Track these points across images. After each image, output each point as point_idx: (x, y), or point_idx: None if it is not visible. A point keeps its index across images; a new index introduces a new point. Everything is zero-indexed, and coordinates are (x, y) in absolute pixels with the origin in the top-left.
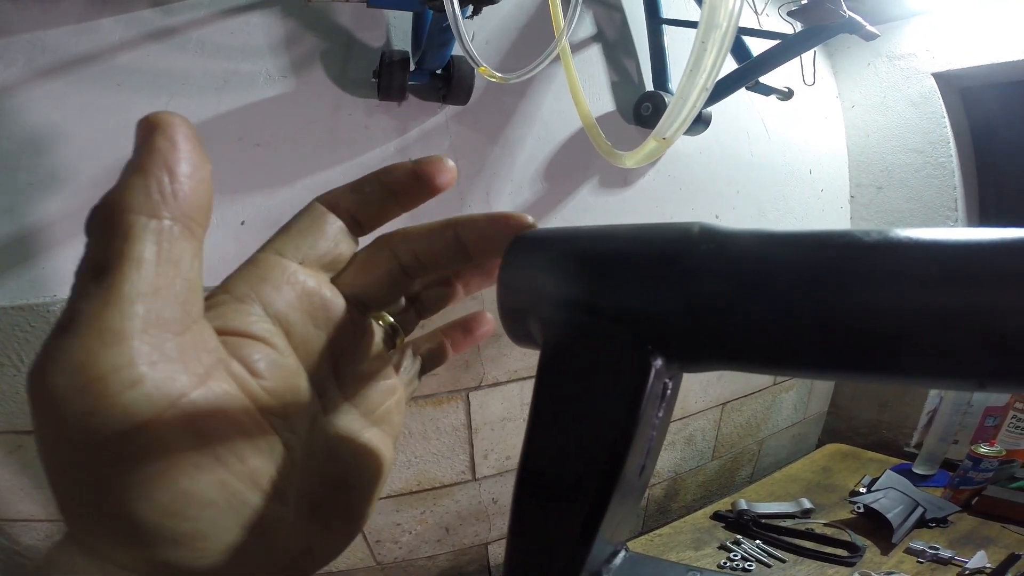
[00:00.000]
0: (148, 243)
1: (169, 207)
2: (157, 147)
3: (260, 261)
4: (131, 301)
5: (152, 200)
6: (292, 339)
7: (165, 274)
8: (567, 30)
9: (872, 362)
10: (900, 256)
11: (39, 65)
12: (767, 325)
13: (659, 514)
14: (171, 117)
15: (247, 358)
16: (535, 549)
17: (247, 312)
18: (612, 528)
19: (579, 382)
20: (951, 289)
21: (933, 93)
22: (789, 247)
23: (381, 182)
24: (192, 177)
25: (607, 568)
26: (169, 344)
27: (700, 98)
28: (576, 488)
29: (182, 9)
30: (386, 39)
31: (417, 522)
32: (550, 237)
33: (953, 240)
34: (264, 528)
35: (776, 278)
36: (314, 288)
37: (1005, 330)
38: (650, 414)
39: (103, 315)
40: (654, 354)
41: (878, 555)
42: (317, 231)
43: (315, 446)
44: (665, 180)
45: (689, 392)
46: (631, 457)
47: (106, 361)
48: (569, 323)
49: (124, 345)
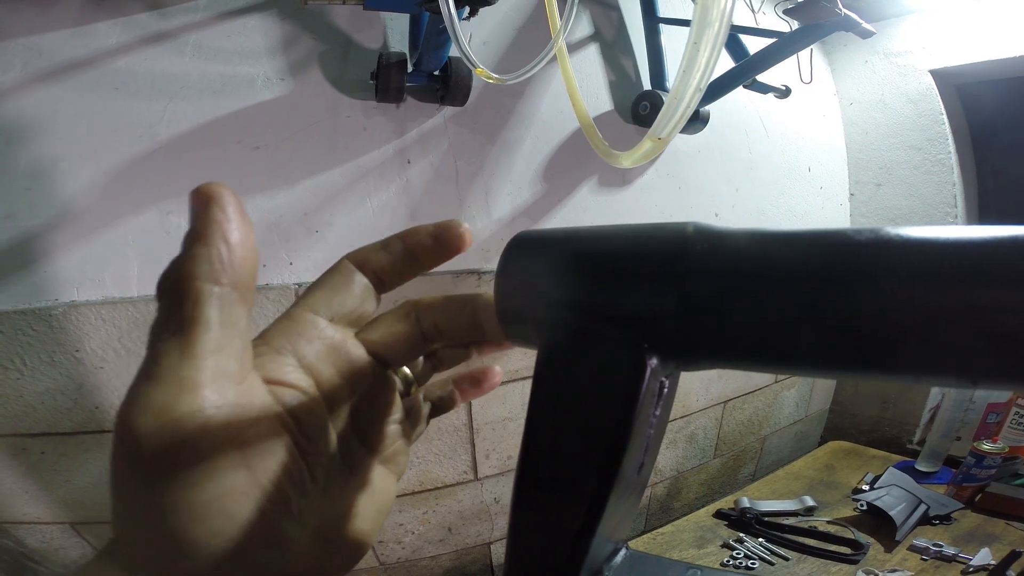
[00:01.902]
0: (213, 307)
1: (227, 274)
2: (215, 218)
3: (296, 317)
4: (203, 356)
5: (215, 268)
6: (320, 387)
7: (227, 334)
8: (564, 30)
9: (865, 360)
10: (894, 254)
11: (36, 69)
12: (762, 324)
13: (661, 513)
14: (222, 189)
15: (285, 402)
16: (535, 547)
17: (284, 363)
18: (612, 526)
19: (576, 382)
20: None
21: (931, 90)
22: (783, 246)
23: (405, 243)
24: (243, 246)
25: (608, 566)
26: (231, 392)
27: (695, 97)
28: (575, 486)
29: (179, 12)
30: (383, 41)
31: (420, 522)
32: (546, 238)
33: (947, 238)
34: (283, 547)
35: (770, 277)
36: (340, 343)
37: (997, 328)
38: (647, 412)
39: (180, 367)
40: (650, 353)
41: (882, 552)
42: (346, 290)
43: (331, 480)
44: (664, 179)
45: (690, 390)
46: (629, 455)
47: (183, 406)
48: (565, 324)
49: (198, 393)
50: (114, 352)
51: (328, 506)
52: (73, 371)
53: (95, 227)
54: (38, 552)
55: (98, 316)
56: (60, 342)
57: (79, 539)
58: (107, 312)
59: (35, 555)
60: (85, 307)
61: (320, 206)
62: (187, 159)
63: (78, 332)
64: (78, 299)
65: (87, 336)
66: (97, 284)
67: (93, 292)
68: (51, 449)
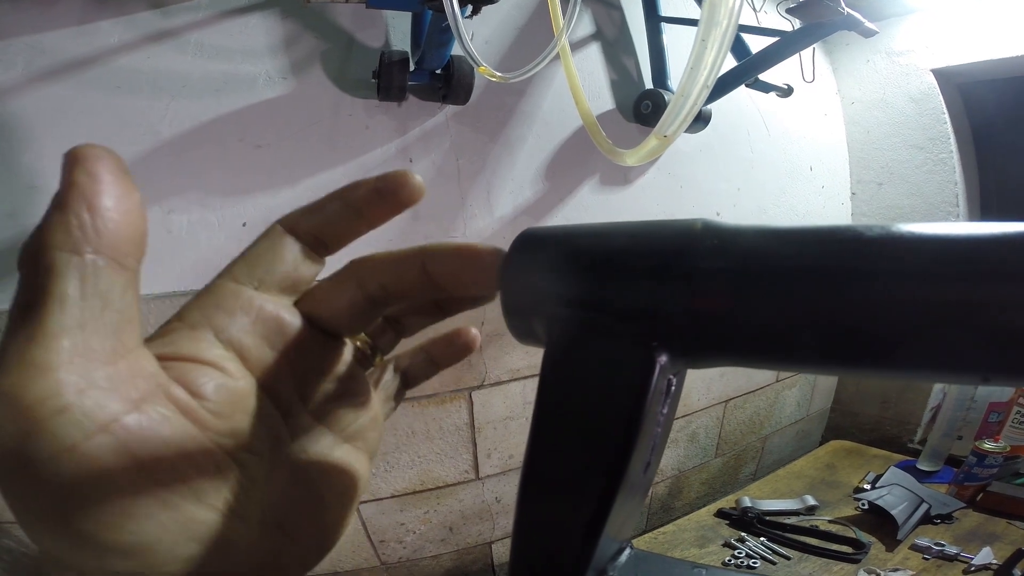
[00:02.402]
0: (71, 280)
1: (91, 242)
2: (76, 181)
3: (215, 288)
4: (57, 336)
5: (74, 236)
6: (248, 363)
7: (92, 308)
8: (566, 29)
9: (878, 357)
10: (903, 251)
11: (38, 67)
12: (772, 321)
13: (663, 512)
14: (93, 149)
15: (192, 382)
16: (540, 547)
17: (198, 339)
18: (617, 526)
19: (583, 380)
20: (955, 283)
21: (932, 89)
22: (793, 242)
23: (344, 200)
24: (115, 210)
25: (612, 566)
26: (98, 373)
27: (701, 96)
28: (581, 486)
29: (181, 11)
30: (385, 39)
31: (421, 522)
32: (553, 235)
33: (956, 235)
34: (221, 543)
35: (780, 274)
36: (271, 312)
37: (1010, 324)
38: (655, 411)
39: (29, 349)
40: (659, 351)
41: (883, 552)
42: (274, 255)
43: (279, 465)
44: (666, 178)
45: (692, 389)
46: (637, 454)
47: (33, 392)
48: (573, 321)
49: (50, 376)
50: None
51: (279, 495)
52: None
53: None
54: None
55: None
56: None
57: None
58: None
59: (34, 554)
60: None
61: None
62: (189, 157)
63: None
64: None
65: None
66: None
67: None
68: None
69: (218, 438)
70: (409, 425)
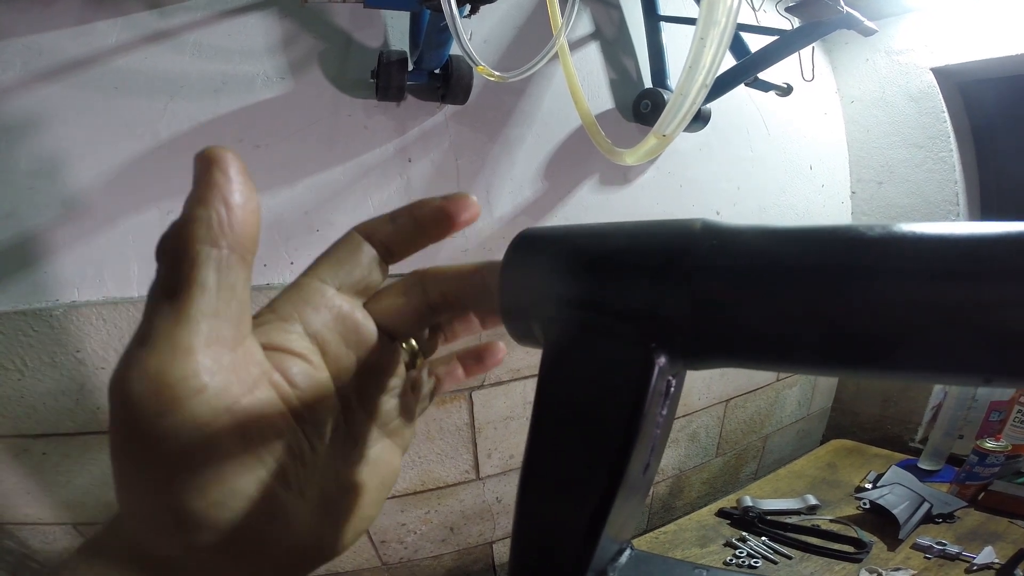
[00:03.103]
0: (211, 270)
1: (226, 237)
2: (215, 181)
3: (303, 285)
4: (197, 320)
5: (213, 230)
6: (326, 356)
7: (224, 297)
8: (565, 28)
9: (878, 357)
10: (905, 251)
11: (36, 68)
12: (772, 321)
13: (664, 512)
14: (224, 152)
15: (287, 371)
16: (540, 548)
17: (289, 330)
18: (617, 526)
19: (582, 381)
20: (957, 284)
21: (932, 88)
22: (793, 242)
23: (413, 215)
24: (244, 208)
25: (613, 567)
26: (226, 358)
27: (700, 95)
28: (581, 487)
29: (178, 11)
30: (384, 39)
31: (422, 522)
32: (551, 235)
33: (957, 234)
34: (285, 520)
35: (781, 274)
36: (348, 312)
37: (1011, 325)
38: (654, 412)
39: (175, 332)
40: (657, 352)
41: (885, 551)
42: (354, 260)
43: (334, 451)
44: (665, 177)
45: (692, 389)
46: (636, 455)
47: (177, 371)
48: (571, 321)
49: (192, 358)
50: (115, 352)
51: (331, 478)
52: (74, 372)
53: (95, 227)
54: (40, 553)
55: (99, 316)
56: (61, 343)
57: (81, 540)
58: (108, 312)
59: (37, 556)
60: (86, 307)
61: (321, 205)
62: (188, 158)
63: (79, 333)
64: (78, 299)
65: (88, 336)
66: (97, 284)
67: (93, 292)
68: (53, 450)
69: (303, 424)
70: None
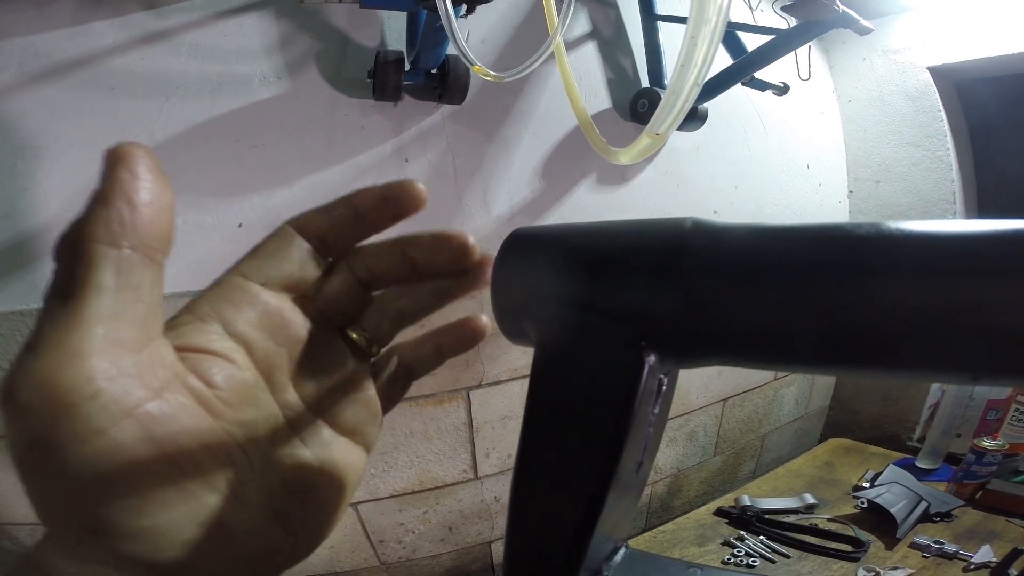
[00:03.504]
0: (108, 271)
1: (128, 237)
2: (119, 178)
3: (224, 283)
4: (91, 324)
5: (113, 230)
6: (253, 355)
7: (124, 299)
8: (561, 28)
9: (865, 356)
10: (893, 249)
11: (32, 69)
12: (762, 320)
13: (662, 511)
14: (134, 148)
15: (205, 372)
16: (534, 545)
17: (208, 331)
18: (611, 524)
19: (573, 379)
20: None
21: (929, 87)
22: (782, 241)
23: (351, 205)
24: (151, 207)
25: (607, 565)
26: (127, 361)
27: (692, 93)
28: (573, 485)
29: (175, 12)
30: (381, 39)
31: (420, 522)
32: (543, 235)
33: (944, 232)
34: (222, 528)
35: (770, 272)
36: (275, 308)
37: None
38: (645, 411)
39: (66, 336)
40: (648, 351)
41: (883, 550)
42: (282, 254)
43: (278, 456)
44: (662, 176)
45: (690, 388)
46: (627, 453)
47: (67, 377)
48: (563, 320)
49: (83, 363)
50: None
51: (276, 485)
52: None
53: None
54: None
55: None
56: None
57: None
58: None
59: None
60: None
61: (318, 204)
62: (184, 158)
63: None
64: None
65: None
66: None
67: None
68: None
69: (228, 426)
70: (407, 425)
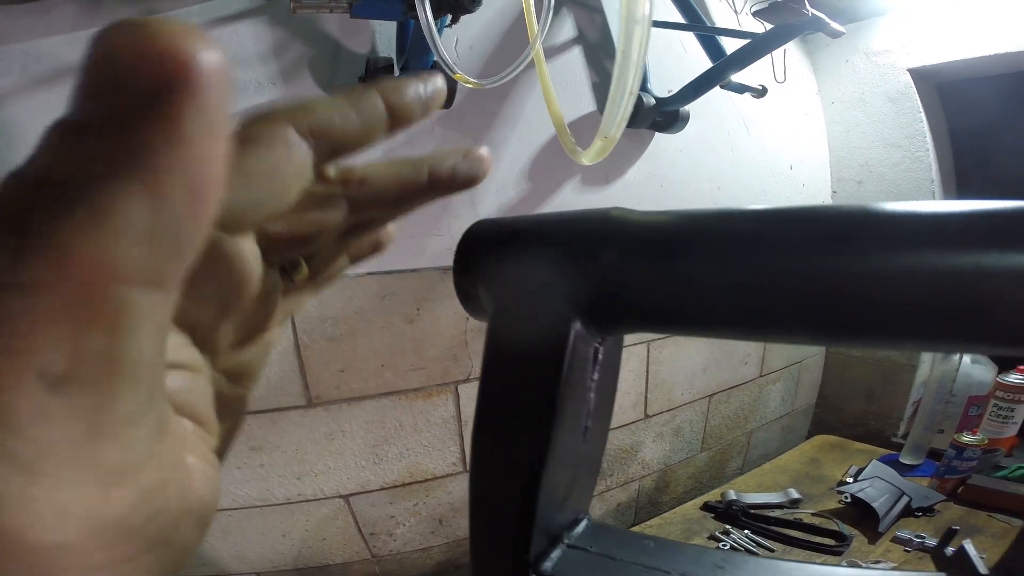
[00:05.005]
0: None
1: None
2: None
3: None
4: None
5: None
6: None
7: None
8: (540, 36)
9: (765, 324)
10: (780, 226)
11: (34, 74)
12: (669, 289)
13: (650, 506)
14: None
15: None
16: (490, 505)
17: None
18: (563, 489)
19: (514, 347)
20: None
21: (909, 88)
22: (688, 221)
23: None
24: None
25: (569, 534)
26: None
27: (629, 101)
28: (518, 444)
29: None
30: (372, 46)
31: (411, 514)
32: (495, 225)
33: (826, 210)
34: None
35: (675, 248)
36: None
37: (851, 293)
38: (582, 376)
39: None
40: (574, 320)
41: (865, 544)
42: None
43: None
44: (646, 177)
45: (675, 384)
46: (565, 414)
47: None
48: (507, 295)
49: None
50: None
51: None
52: None
53: None
54: None
55: None
56: None
57: None
58: None
59: None
60: None
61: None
62: None
63: None
64: None
65: None
66: None
67: None
68: None
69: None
70: (397, 418)
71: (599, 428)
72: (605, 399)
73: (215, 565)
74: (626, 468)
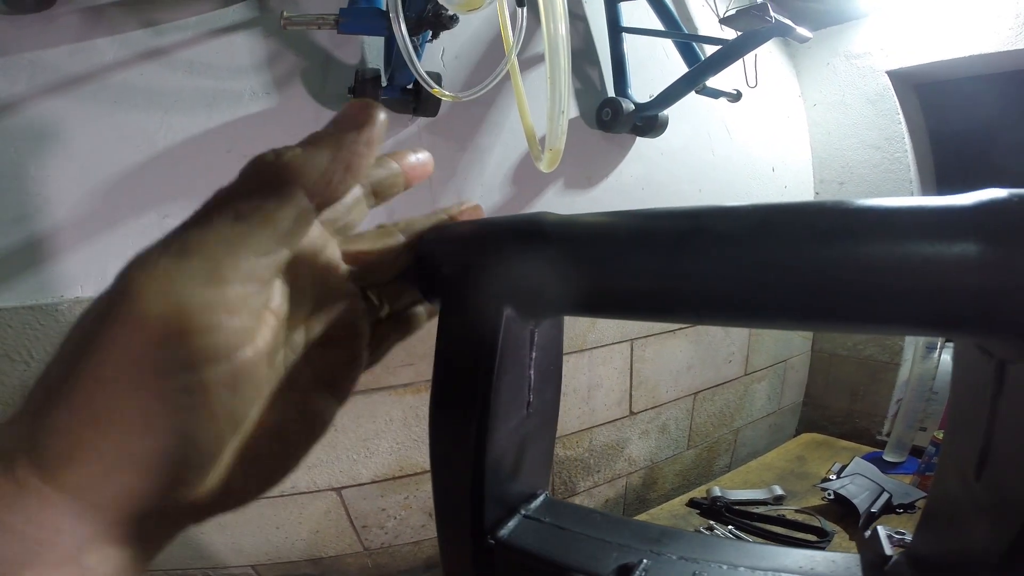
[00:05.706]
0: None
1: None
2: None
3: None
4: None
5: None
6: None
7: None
8: (515, 48)
9: (651, 305)
10: (701, 222)
11: (41, 82)
12: (588, 278)
13: (638, 503)
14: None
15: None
16: (447, 457)
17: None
18: (513, 457)
19: (458, 329)
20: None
21: (888, 90)
22: (615, 221)
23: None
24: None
25: (526, 507)
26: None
27: (563, 119)
28: (464, 418)
29: (171, 30)
30: (361, 57)
31: (401, 507)
32: (446, 228)
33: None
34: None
35: (595, 242)
36: (321, 246)
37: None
38: (519, 354)
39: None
40: (505, 306)
41: (847, 540)
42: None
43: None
44: (628, 180)
45: (659, 381)
46: (504, 386)
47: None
48: (454, 286)
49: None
50: None
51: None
52: None
53: (98, 229)
54: None
55: None
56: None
57: None
58: None
59: None
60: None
61: None
62: (182, 167)
63: None
64: (82, 295)
65: None
66: (100, 282)
67: (96, 289)
68: None
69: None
70: (387, 412)
71: (544, 405)
72: (548, 377)
73: (213, 559)
74: (612, 464)
